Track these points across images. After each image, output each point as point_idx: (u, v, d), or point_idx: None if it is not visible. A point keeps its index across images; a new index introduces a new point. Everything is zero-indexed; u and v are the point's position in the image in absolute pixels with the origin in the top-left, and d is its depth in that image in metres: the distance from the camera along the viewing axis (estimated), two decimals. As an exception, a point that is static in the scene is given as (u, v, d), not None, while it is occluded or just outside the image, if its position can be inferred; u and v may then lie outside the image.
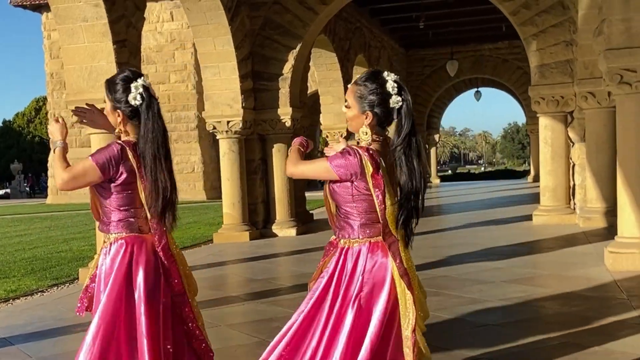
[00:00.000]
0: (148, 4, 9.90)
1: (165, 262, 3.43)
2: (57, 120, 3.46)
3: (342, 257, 3.13)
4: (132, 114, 3.39)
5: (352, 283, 3.07)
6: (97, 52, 8.52)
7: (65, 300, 7.61)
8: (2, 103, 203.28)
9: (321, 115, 19.26)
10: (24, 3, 29.30)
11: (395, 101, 3.10)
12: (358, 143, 3.14)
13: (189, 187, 27.14)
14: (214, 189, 25.84)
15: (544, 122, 12.48)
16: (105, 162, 3.28)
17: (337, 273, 3.12)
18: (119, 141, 3.36)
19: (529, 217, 13.14)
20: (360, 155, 3.00)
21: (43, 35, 29.58)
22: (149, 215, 3.41)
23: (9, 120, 51.94)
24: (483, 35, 26.51)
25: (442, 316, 5.90)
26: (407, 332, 3.04)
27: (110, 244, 3.39)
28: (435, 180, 37.63)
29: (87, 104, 3.67)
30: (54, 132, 3.44)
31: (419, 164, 3.07)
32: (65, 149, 3.46)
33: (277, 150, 12.74)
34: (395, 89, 3.10)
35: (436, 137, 36.82)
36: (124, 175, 3.33)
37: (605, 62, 7.41)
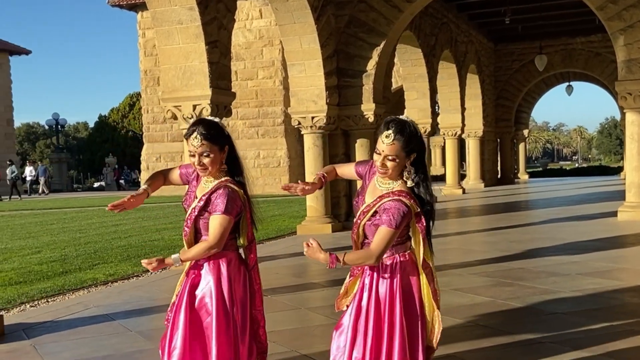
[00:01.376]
0: (238, 2, 10.41)
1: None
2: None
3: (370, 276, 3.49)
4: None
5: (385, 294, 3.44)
6: (190, 53, 9.13)
7: (159, 283, 8.19)
8: (98, 99, 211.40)
9: (405, 110, 19.48)
10: (121, 3, 30.34)
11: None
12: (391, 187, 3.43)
13: (275, 181, 27.45)
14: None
15: (630, 117, 12.43)
16: (236, 211, 3.58)
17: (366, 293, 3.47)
18: (230, 185, 3.59)
19: (614, 214, 13.10)
20: (409, 206, 3.33)
21: (138, 33, 30.45)
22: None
23: (105, 115, 53.74)
24: (574, 28, 26.06)
25: (512, 305, 6.22)
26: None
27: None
28: (523, 177, 37.13)
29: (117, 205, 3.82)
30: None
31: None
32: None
33: (360, 145, 13.13)
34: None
35: (525, 132, 36.28)
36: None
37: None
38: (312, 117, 12.51)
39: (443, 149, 43.04)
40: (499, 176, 31.16)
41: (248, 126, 27.78)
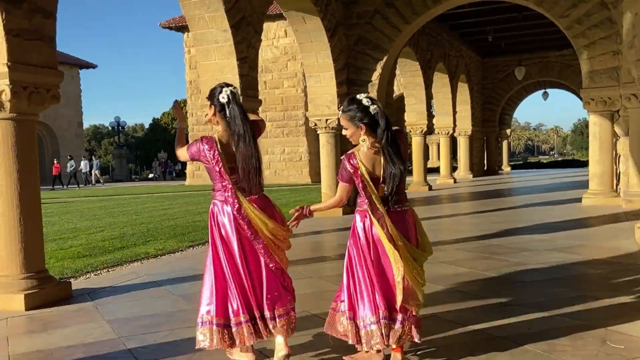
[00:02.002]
0: (266, 23, 10.49)
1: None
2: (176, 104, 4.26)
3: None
4: (221, 109, 3.91)
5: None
6: (224, 67, 9.23)
7: (199, 257, 8.22)
8: (152, 104, 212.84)
9: (405, 113, 19.50)
10: (170, 25, 30.69)
11: (373, 109, 3.55)
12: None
13: (297, 173, 27.79)
14: (317, 174, 26.45)
15: (593, 119, 12.35)
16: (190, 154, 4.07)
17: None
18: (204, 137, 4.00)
19: (579, 200, 13.04)
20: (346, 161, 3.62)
21: (184, 50, 30.69)
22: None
23: (157, 118, 54.27)
24: (549, 44, 25.82)
25: (487, 274, 6.26)
26: (398, 278, 3.52)
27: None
28: (506, 169, 36.97)
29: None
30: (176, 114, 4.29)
31: (397, 151, 3.54)
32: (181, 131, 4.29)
33: (366, 142, 13.15)
34: (369, 102, 3.57)
35: (508, 131, 36.10)
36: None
37: (636, 70, 7.46)
38: (326, 120, 12.59)
39: (438, 145, 42.98)
40: (485, 168, 31.15)
41: (275, 127, 27.93)
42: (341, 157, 3.65)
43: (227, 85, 3.93)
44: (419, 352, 3.89)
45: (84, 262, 8.12)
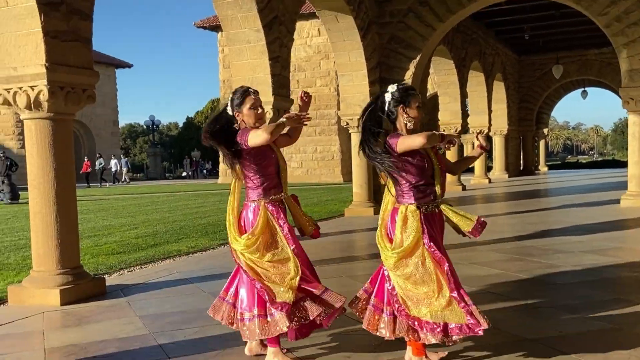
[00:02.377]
0: (300, 22, 10.56)
1: None
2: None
3: None
4: None
5: None
6: (257, 66, 9.32)
7: (229, 255, 8.42)
8: (186, 103, 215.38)
9: (439, 112, 19.37)
10: (204, 25, 31.04)
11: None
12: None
13: (329, 172, 27.80)
14: (348, 173, 26.42)
15: (632, 119, 12.10)
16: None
17: None
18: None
19: (618, 201, 12.79)
20: None
21: (218, 49, 30.98)
22: None
23: (191, 117, 54.94)
24: (588, 42, 25.34)
25: (520, 276, 6.21)
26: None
27: None
28: (543, 169, 36.40)
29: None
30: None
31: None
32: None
33: (398, 142, 13.12)
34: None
35: (545, 130, 35.57)
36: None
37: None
38: (358, 119, 12.56)
39: (472, 145, 42.49)
40: (521, 168, 30.74)
41: (307, 126, 27.87)
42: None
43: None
44: (447, 352, 3.90)
45: (117, 258, 8.30)
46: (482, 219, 3.67)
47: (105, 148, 40.48)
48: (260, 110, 3.95)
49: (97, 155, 36.36)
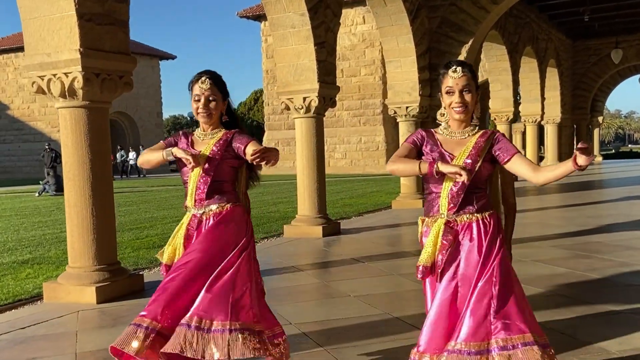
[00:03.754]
0: (344, 10, 10.17)
1: None
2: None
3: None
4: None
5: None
6: (301, 52, 8.95)
7: (273, 249, 8.11)
8: (230, 94, 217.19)
9: (490, 100, 18.71)
10: (247, 14, 30.92)
11: None
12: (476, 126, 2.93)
13: (374, 163, 27.35)
14: (395, 164, 25.97)
15: None
16: None
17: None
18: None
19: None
20: None
21: (261, 39, 30.90)
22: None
23: (234, 108, 55.20)
24: (649, 24, 24.14)
25: (590, 276, 5.69)
26: None
27: None
28: (597, 159, 35.09)
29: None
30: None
31: None
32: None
33: (449, 131, 12.66)
34: None
35: (600, 119, 34.22)
36: None
37: None
38: (407, 107, 12.13)
39: (522, 134, 41.40)
40: (574, 158, 29.73)
41: (352, 116, 27.64)
42: (495, 134, 2.86)
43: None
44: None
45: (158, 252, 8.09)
46: (422, 266, 2.77)
47: (149, 140, 40.86)
48: (202, 104, 3.17)
49: (118, 147, 36.55)
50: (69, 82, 5.34)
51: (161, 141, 3.37)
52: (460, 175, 2.56)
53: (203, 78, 3.18)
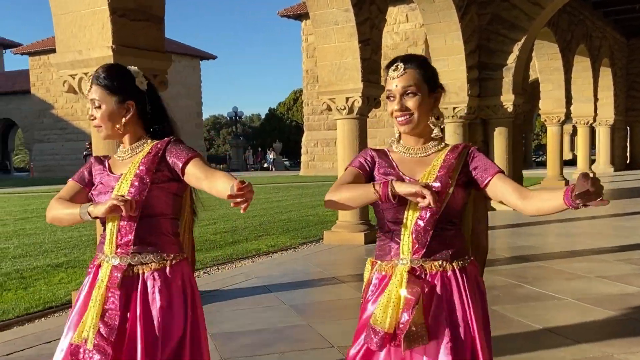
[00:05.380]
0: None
1: None
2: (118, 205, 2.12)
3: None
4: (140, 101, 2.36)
5: None
6: (345, 50, 8.59)
7: (313, 257, 7.79)
8: (269, 94, 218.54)
9: (540, 101, 18.04)
10: (288, 14, 30.88)
11: None
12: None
13: (418, 165, 26.93)
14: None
15: None
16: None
17: None
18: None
19: None
20: None
21: (302, 39, 30.82)
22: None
23: (273, 108, 55.28)
24: None
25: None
26: None
27: None
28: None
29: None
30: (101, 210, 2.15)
31: None
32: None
33: (498, 133, 12.14)
34: None
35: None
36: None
37: None
38: (454, 108, 11.64)
39: (570, 136, 40.20)
40: (627, 161, 28.65)
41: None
42: (467, 147, 2.24)
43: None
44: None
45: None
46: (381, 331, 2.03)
47: (189, 140, 40.76)
48: (93, 111, 2.29)
49: None
50: (100, 80, 5.07)
51: (70, 180, 2.38)
52: (424, 197, 1.89)
53: (91, 79, 2.31)
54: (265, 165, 44.69)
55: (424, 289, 2.06)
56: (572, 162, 28.00)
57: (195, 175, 2.20)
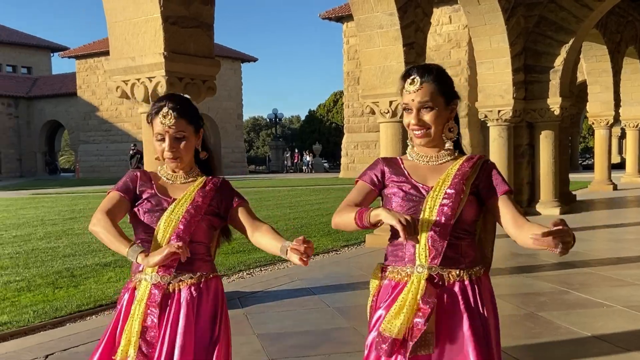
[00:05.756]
0: (430, 9, 9.78)
1: None
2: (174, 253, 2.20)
3: None
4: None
5: None
6: (389, 54, 8.64)
7: (354, 260, 7.87)
8: (309, 96, 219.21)
9: (588, 103, 17.73)
10: (329, 16, 31.07)
11: None
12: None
13: (460, 168, 26.73)
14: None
15: None
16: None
17: None
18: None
19: None
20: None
21: (343, 41, 30.91)
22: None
23: (313, 110, 55.40)
24: None
25: None
26: None
27: None
28: None
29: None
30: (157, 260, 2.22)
31: None
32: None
33: (544, 136, 12.03)
34: None
35: None
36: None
37: None
38: (499, 111, 11.57)
39: (619, 139, 39.25)
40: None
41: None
42: (479, 159, 2.26)
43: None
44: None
45: (237, 258, 8.06)
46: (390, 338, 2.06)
47: (229, 141, 41.66)
48: (168, 145, 2.35)
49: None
50: (152, 86, 5.27)
51: (113, 190, 2.42)
52: (406, 231, 1.86)
53: (165, 110, 2.35)
54: (304, 168, 44.87)
55: (442, 297, 2.08)
56: (621, 166, 27.39)
57: (242, 221, 2.40)
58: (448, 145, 2.22)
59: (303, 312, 5.32)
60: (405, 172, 2.21)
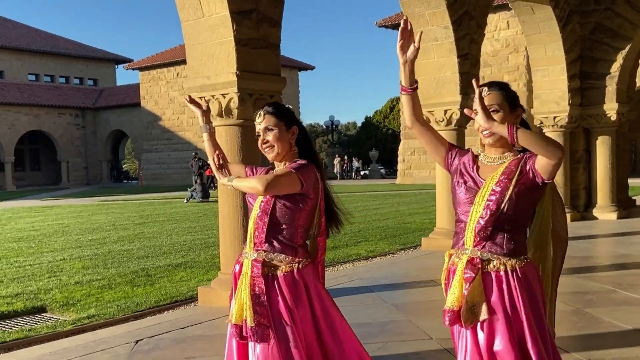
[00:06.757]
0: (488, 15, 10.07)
1: None
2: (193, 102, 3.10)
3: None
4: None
5: None
6: (444, 65, 9.04)
7: (411, 262, 8.26)
8: (365, 103, 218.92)
9: (649, 109, 17.56)
10: (386, 24, 31.53)
11: None
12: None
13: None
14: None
15: None
16: (310, 184, 2.88)
17: None
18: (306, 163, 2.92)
19: None
20: None
21: (399, 47, 31.31)
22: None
23: (369, 116, 55.59)
24: None
25: None
26: None
27: None
28: None
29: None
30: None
31: None
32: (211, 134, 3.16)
33: (601, 142, 12.16)
34: None
35: None
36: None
37: None
38: (554, 117, 11.79)
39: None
40: None
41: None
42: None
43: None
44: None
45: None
46: (449, 310, 2.53)
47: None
48: (264, 139, 2.89)
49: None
50: (225, 102, 5.90)
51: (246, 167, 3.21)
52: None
53: (259, 112, 2.95)
54: (362, 172, 45.13)
55: (482, 275, 2.48)
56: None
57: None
58: (516, 147, 2.53)
59: (362, 307, 5.80)
60: (474, 166, 2.61)
